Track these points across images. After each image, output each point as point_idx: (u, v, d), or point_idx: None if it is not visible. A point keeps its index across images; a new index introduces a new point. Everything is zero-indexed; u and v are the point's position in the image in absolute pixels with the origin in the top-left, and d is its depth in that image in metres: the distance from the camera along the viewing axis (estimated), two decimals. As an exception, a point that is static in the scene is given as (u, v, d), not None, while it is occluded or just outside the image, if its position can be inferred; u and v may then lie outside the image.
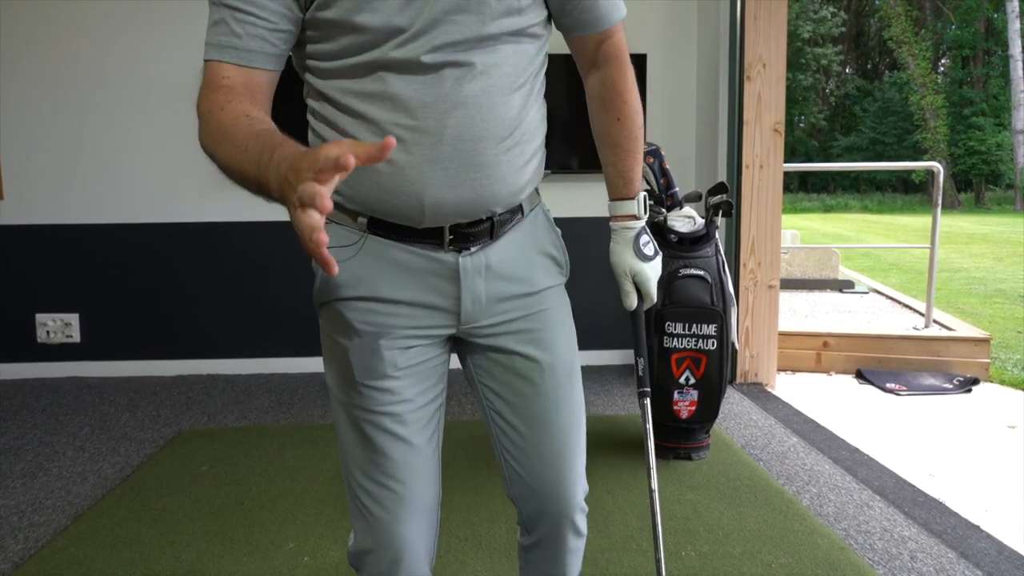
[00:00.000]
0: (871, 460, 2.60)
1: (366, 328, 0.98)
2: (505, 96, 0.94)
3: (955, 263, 9.14)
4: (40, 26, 3.57)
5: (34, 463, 2.64)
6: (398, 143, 0.90)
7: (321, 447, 2.71)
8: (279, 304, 3.81)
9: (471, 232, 0.98)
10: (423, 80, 0.90)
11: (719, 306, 2.39)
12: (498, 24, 0.92)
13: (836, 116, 34.38)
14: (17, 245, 3.71)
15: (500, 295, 1.02)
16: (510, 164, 0.97)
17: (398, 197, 0.93)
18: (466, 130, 0.92)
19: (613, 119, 1.11)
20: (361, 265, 0.98)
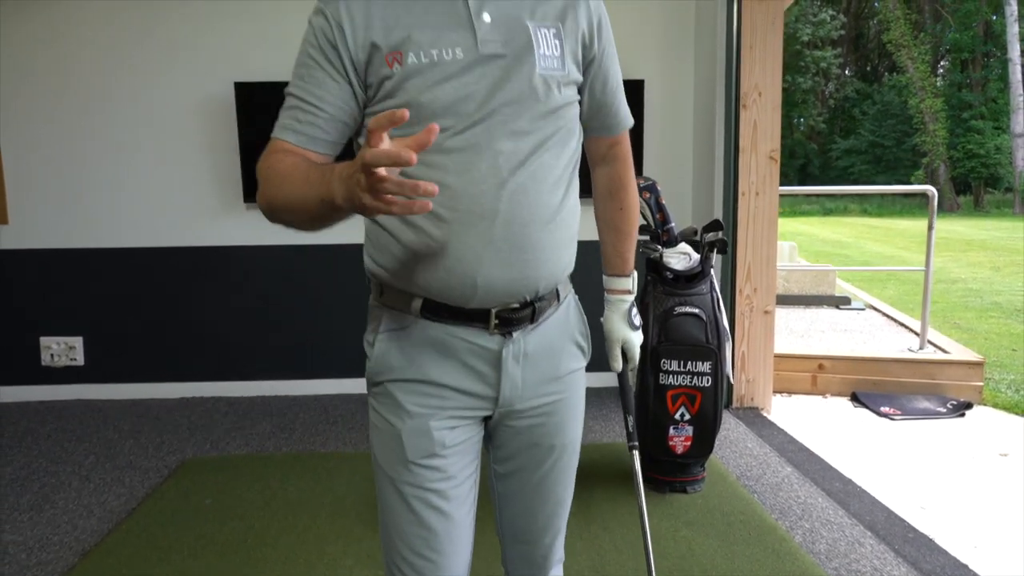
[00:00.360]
0: (863, 493, 2.64)
1: (417, 410, 1.07)
2: (550, 183, 1.04)
3: (952, 273, 9.18)
4: (44, 52, 3.61)
5: (40, 495, 2.68)
6: (453, 226, 0.99)
7: (323, 479, 2.75)
8: (280, 328, 3.85)
9: (515, 317, 1.06)
10: (478, 168, 0.99)
11: (713, 344, 2.44)
12: (545, 119, 1.03)
13: (835, 119, 34.42)
14: (22, 269, 3.76)
15: (533, 381, 1.12)
16: (553, 246, 1.06)
17: (453, 276, 1.01)
18: (516, 214, 1.01)
19: (617, 208, 1.27)
20: (414, 348, 1.07)
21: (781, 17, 3.39)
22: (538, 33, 1.02)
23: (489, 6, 1.01)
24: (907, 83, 27.99)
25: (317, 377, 3.90)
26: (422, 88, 0.97)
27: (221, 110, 3.66)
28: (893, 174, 30.44)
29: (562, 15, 1.06)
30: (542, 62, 1.02)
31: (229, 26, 3.63)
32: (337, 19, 0.99)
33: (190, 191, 3.74)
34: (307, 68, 1.02)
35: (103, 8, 3.59)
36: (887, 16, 27.74)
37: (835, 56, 33.04)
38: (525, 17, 1.02)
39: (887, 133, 30.00)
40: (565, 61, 1.05)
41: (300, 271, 3.82)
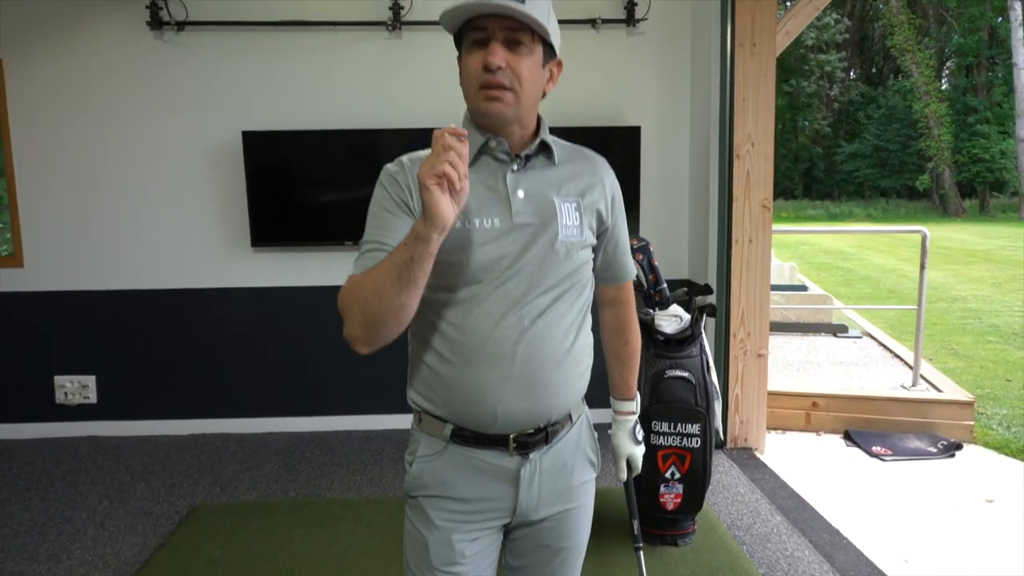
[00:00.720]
0: (849, 545, 2.73)
1: (443, 523, 1.25)
2: (563, 329, 1.23)
3: (953, 290, 9.24)
4: (58, 102, 3.73)
5: (58, 544, 2.79)
6: (480, 365, 1.19)
7: (327, 528, 2.85)
8: (286, 366, 3.96)
9: (530, 440, 1.24)
10: (507, 318, 1.18)
11: (702, 406, 2.53)
12: (564, 276, 1.22)
13: (840, 122, 34.37)
14: (37, 310, 3.87)
15: (547, 494, 1.29)
16: (564, 382, 1.24)
17: (478, 406, 1.20)
18: (532, 356, 1.19)
19: (622, 344, 1.48)
20: (444, 469, 1.26)
21: (773, 70, 3.48)
22: (562, 207, 1.23)
23: (523, 184, 1.22)
24: (912, 87, 27.96)
25: (322, 414, 4.01)
26: (465, 248, 1.18)
27: (229, 158, 3.77)
28: (898, 178, 30.42)
29: (582, 192, 1.27)
30: (563, 231, 1.22)
31: (236, 78, 3.74)
32: (407, 185, 1.21)
33: (199, 235, 3.85)
34: (383, 219, 1.21)
35: (115, 59, 3.71)
36: (891, 20, 27.70)
37: (840, 60, 33.02)
38: (552, 194, 1.24)
39: (892, 137, 29.97)
40: (583, 229, 1.25)
41: (304, 311, 3.92)
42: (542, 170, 1.25)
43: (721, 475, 3.36)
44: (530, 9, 1.13)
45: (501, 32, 1.15)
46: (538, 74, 1.21)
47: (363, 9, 3.71)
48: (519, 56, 1.16)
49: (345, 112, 3.78)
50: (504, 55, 1.15)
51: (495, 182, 1.22)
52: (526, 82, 1.18)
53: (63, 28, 3.67)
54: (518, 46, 1.16)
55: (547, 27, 1.17)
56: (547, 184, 1.24)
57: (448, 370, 1.21)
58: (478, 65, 1.16)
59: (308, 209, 3.79)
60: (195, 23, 3.65)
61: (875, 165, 30.80)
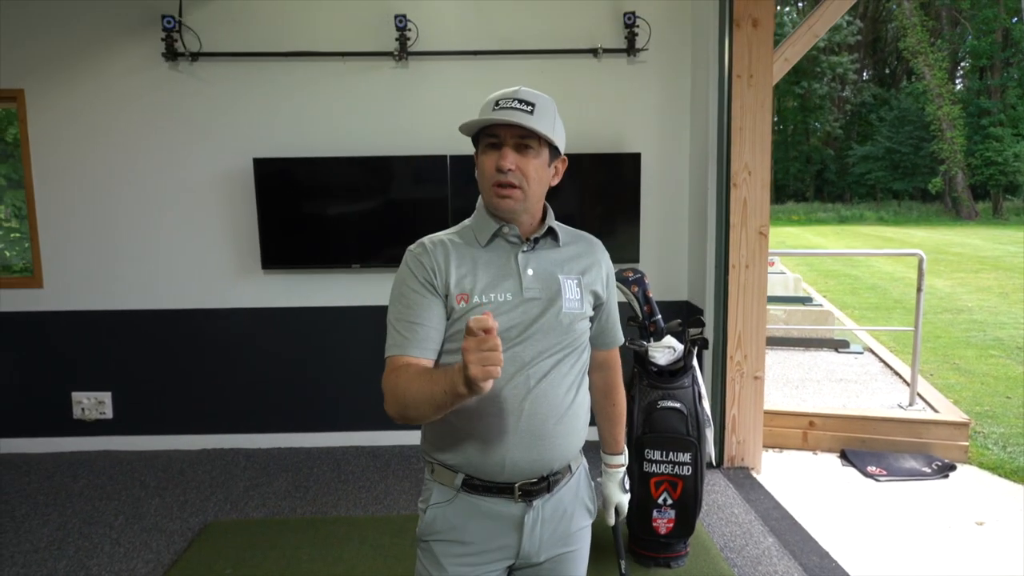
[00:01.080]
0: (837, 568, 2.81)
1: (453, 567, 1.39)
2: (564, 388, 1.39)
3: (959, 300, 9.25)
4: (76, 129, 3.86)
5: (76, 560, 2.92)
6: (491, 420, 1.34)
7: (333, 547, 2.97)
8: (294, 384, 4.08)
9: (534, 488, 1.39)
10: (516, 379, 1.34)
11: (694, 436, 2.62)
12: (566, 342, 1.39)
13: (852, 124, 34.25)
14: (55, 329, 4.01)
15: (548, 539, 1.42)
16: (564, 434, 1.39)
17: (488, 456, 1.36)
18: (536, 412, 1.35)
19: (611, 405, 1.64)
20: (455, 515, 1.40)
21: (770, 100, 3.56)
22: (565, 283, 1.41)
23: (532, 264, 1.41)
24: (924, 89, 27.82)
25: (330, 430, 4.13)
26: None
27: (240, 183, 3.89)
28: (910, 181, 30.28)
29: (583, 271, 1.45)
30: (567, 304, 1.39)
31: (248, 106, 3.87)
32: (431, 267, 1.38)
33: (211, 257, 3.97)
34: (411, 299, 1.37)
35: (132, 88, 3.84)
36: (903, 22, 27.57)
37: (852, 62, 32.89)
38: (557, 272, 1.42)
39: (904, 140, 29.85)
40: (583, 303, 1.43)
41: (313, 331, 4.04)
42: (548, 251, 1.44)
43: (717, 495, 3.44)
44: (536, 120, 1.33)
45: (512, 139, 1.34)
46: (544, 173, 1.40)
47: (371, 40, 3.83)
48: (527, 158, 1.35)
49: (353, 139, 3.89)
50: (514, 158, 1.34)
51: (508, 261, 1.40)
52: (532, 181, 1.37)
53: (82, 59, 3.80)
54: (527, 149, 1.35)
55: (551, 135, 1.36)
56: (553, 264, 1.43)
57: (462, 423, 1.36)
58: (492, 166, 1.36)
59: (317, 232, 3.90)
60: (208, 54, 3.78)
61: (887, 168, 30.68)
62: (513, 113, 1.32)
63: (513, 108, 1.33)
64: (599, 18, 3.88)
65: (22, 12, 3.77)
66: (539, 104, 1.36)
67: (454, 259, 1.39)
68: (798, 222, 26.62)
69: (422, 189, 3.87)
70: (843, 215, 28.19)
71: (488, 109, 1.36)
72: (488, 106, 1.37)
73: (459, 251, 1.40)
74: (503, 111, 1.33)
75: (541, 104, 1.37)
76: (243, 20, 3.81)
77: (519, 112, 1.32)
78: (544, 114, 1.36)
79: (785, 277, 7.69)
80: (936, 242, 17.44)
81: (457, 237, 1.44)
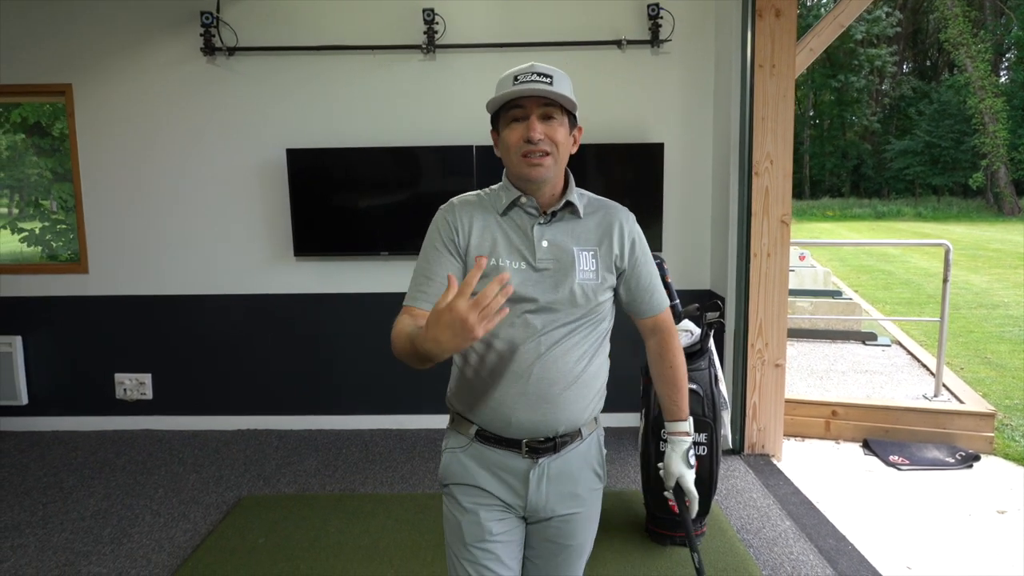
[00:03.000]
0: (853, 551, 2.84)
1: (471, 506, 1.49)
2: (575, 357, 1.45)
3: (996, 295, 9.08)
4: (120, 122, 4.05)
5: (119, 528, 3.09)
6: (501, 380, 1.43)
7: (360, 521, 3.09)
8: (325, 367, 4.22)
9: (540, 447, 1.47)
10: (527, 344, 1.42)
11: (710, 416, 2.68)
12: (580, 313, 1.44)
13: (890, 118, 33.54)
14: (99, 313, 4.21)
15: (554, 496, 1.49)
16: (572, 401, 1.45)
17: (497, 414, 1.45)
18: (544, 376, 1.42)
19: (667, 367, 1.63)
20: (468, 461, 1.50)
21: (792, 90, 3.58)
22: (580, 256, 1.46)
23: (547, 236, 1.46)
24: (966, 82, 27.13)
25: (359, 413, 4.26)
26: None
27: (274, 173, 4.04)
28: (951, 176, 29.57)
29: (599, 241, 1.49)
30: (580, 275, 1.44)
31: (282, 99, 4.01)
32: (455, 225, 1.47)
33: (246, 245, 4.13)
34: (431, 254, 1.47)
35: (172, 82, 4.01)
36: (945, 14, 26.90)
37: (890, 54, 32.18)
38: (571, 243, 1.46)
39: (945, 134, 29.14)
40: (599, 273, 1.47)
41: (343, 316, 4.17)
42: (566, 223, 1.48)
43: (736, 480, 3.49)
44: (558, 88, 1.39)
45: (537, 109, 1.40)
46: (567, 140, 1.45)
47: (399, 33, 3.94)
48: (553, 127, 1.41)
49: (382, 130, 4.01)
50: (542, 128, 1.40)
51: (524, 231, 1.46)
52: (561, 147, 1.43)
53: (125, 55, 3.98)
54: (551, 120, 1.41)
55: (571, 101, 1.41)
56: (569, 236, 1.47)
57: (477, 383, 1.46)
58: (519, 138, 1.40)
59: (347, 221, 4.03)
60: (244, 48, 3.92)
61: (927, 162, 29.98)
62: (535, 85, 1.37)
63: (534, 81, 1.38)
64: (623, 10, 3.93)
65: (70, 9, 3.95)
66: (555, 75, 1.42)
67: (478, 221, 1.46)
68: (833, 218, 26.19)
69: (448, 179, 3.97)
70: (880, 211, 27.61)
71: (508, 84, 1.41)
72: (507, 81, 1.42)
73: (481, 214, 1.48)
74: (525, 84, 1.38)
75: (557, 75, 1.42)
76: (277, 15, 3.95)
77: (540, 84, 1.38)
78: (562, 84, 1.41)
79: (815, 271, 7.64)
80: (975, 238, 17.05)
81: (481, 201, 1.51)
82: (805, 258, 8.35)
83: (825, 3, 31.51)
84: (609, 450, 1.64)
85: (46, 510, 3.26)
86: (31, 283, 4.18)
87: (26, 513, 3.23)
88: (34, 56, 3.99)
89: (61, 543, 2.96)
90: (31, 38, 3.98)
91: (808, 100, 33.31)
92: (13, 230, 4.38)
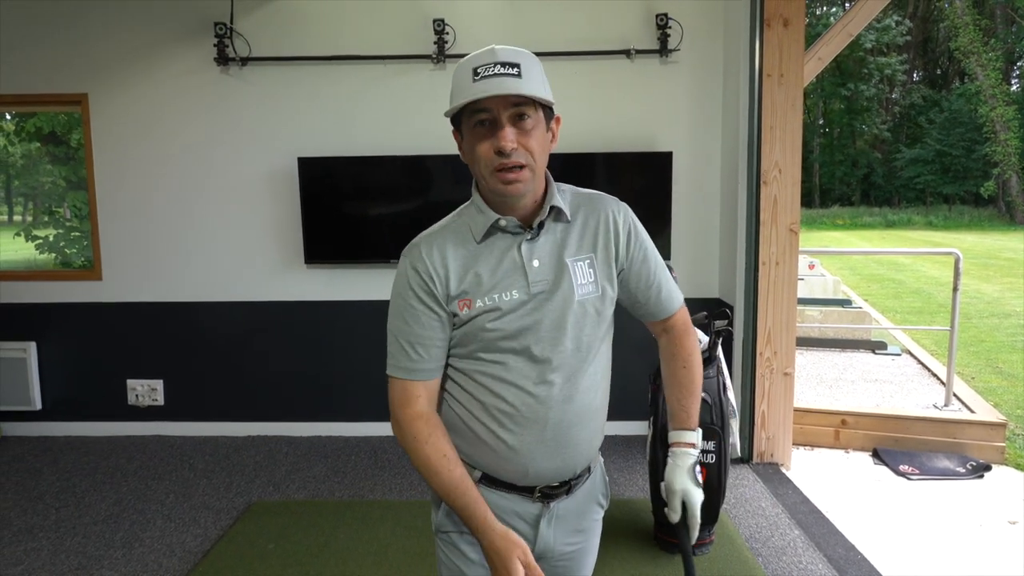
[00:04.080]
0: (863, 561, 2.83)
1: (477, 557, 1.32)
2: (590, 389, 1.31)
3: (1008, 305, 9.02)
4: (134, 130, 4.10)
5: (131, 532, 3.11)
6: (515, 428, 1.26)
7: (369, 526, 3.10)
8: (336, 375, 4.25)
9: (555, 492, 1.34)
10: (536, 382, 1.26)
11: (718, 424, 2.68)
12: (587, 333, 1.28)
13: (900, 127, 33.39)
14: (113, 319, 4.25)
15: (560, 535, 1.37)
16: (588, 438, 1.33)
17: (510, 465, 1.28)
18: (562, 420, 1.28)
19: (680, 367, 1.44)
20: None
21: (801, 98, 3.59)
22: (575, 267, 1.26)
23: (537, 253, 1.26)
24: (977, 91, 27.02)
25: (368, 420, 4.28)
26: (487, 322, 1.25)
27: (286, 182, 4.08)
28: (962, 184, 29.40)
29: (594, 244, 1.29)
30: (579, 290, 1.26)
31: (293, 108, 4.06)
32: (429, 274, 1.26)
33: (257, 252, 4.17)
34: (410, 313, 1.27)
35: (186, 91, 4.06)
36: (955, 22, 26.82)
37: (900, 63, 32.09)
38: (564, 255, 1.27)
39: (956, 142, 29.00)
40: (599, 284, 1.29)
41: (353, 324, 4.20)
42: (555, 233, 1.28)
43: (744, 489, 3.48)
44: (527, 83, 1.14)
45: (506, 111, 1.15)
46: (545, 142, 1.23)
47: (410, 44, 3.98)
48: (527, 131, 1.17)
49: (393, 139, 4.04)
50: (513, 135, 1.16)
51: (510, 255, 1.25)
52: (538, 155, 1.20)
53: (140, 65, 4.04)
54: (523, 119, 1.17)
55: (545, 95, 1.17)
56: (559, 247, 1.27)
57: (480, 429, 1.28)
58: (490, 151, 1.18)
59: (357, 229, 4.06)
60: (257, 59, 3.98)
61: (937, 171, 29.83)
62: (500, 81, 1.13)
63: (498, 75, 1.13)
64: (632, 20, 3.96)
65: (86, 20, 4.02)
66: (523, 62, 1.16)
67: (454, 260, 1.26)
68: (843, 226, 26.09)
69: (458, 187, 4.00)
70: (890, 219, 27.49)
71: (467, 80, 1.16)
72: (465, 76, 1.17)
73: (456, 250, 1.26)
74: (487, 80, 1.13)
75: (525, 62, 1.16)
76: (290, 26, 4.00)
77: (506, 78, 1.13)
78: (531, 73, 1.16)
79: (824, 279, 7.61)
80: (987, 247, 16.95)
81: (452, 232, 1.29)
82: (815, 267, 8.32)
83: (834, 12, 31.53)
84: (617, 458, 1.57)
85: (59, 514, 3.29)
86: (45, 290, 4.24)
87: (39, 517, 3.26)
88: (51, 66, 4.06)
89: (74, 547, 2.99)
90: (48, 48, 4.04)
91: (818, 109, 33.23)
92: (27, 237, 4.45)
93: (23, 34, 4.04)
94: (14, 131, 4.64)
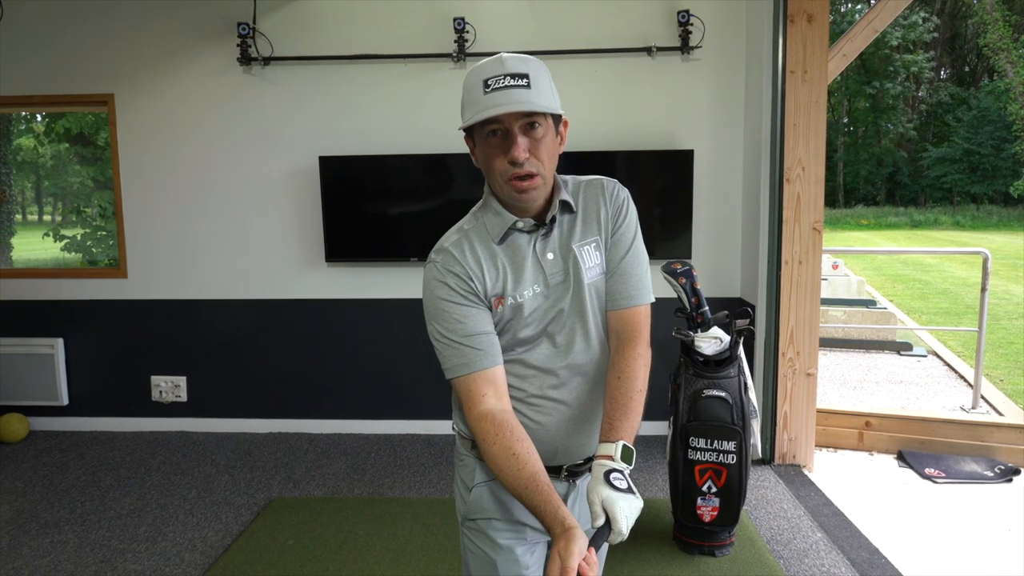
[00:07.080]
0: (887, 564, 2.79)
1: (507, 543, 1.39)
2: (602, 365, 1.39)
3: (1039, 306, 8.84)
4: (159, 130, 4.15)
5: (154, 527, 3.15)
6: (546, 414, 1.36)
7: (388, 523, 3.11)
8: (354, 372, 4.27)
9: (579, 469, 1.42)
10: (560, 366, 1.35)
11: (739, 424, 2.65)
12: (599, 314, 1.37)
13: (927, 125, 32.84)
14: (137, 317, 4.31)
15: (583, 513, 1.40)
16: (601, 413, 1.36)
17: (541, 446, 1.30)
18: (586, 402, 1.38)
19: (615, 376, 1.33)
20: (503, 495, 1.39)
21: (824, 96, 3.54)
22: (582, 252, 1.35)
23: (550, 247, 1.34)
24: (1006, 88, 26.50)
25: (388, 418, 4.30)
26: (516, 317, 1.33)
27: (307, 180, 4.11)
28: (990, 184, 28.86)
29: (596, 224, 1.37)
30: (588, 274, 1.35)
31: (315, 107, 4.08)
32: (466, 273, 1.31)
33: (279, 251, 4.20)
34: (455, 312, 1.30)
35: (210, 91, 4.11)
36: (984, 18, 26.35)
37: (927, 60, 31.57)
38: (572, 242, 1.35)
39: (984, 140, 28.46)
40: (603, 263, 1.38)
41: (373, 322, 4.22)
42: (563, 224, 1.35)
43: (766, 490, 3.45)
44: (536, 94, 1.20)
45: (517, 122, 1.21)
46: (555, 147, 1.29)
47: (430, 42, 3.99)
48: (537, 140, 1.23)
49: (413, 138, 4.05)
50: (525, 145, 1.22)
51: (527, 252, 1.33)
52: (547, 162, 1.26)
53: (165, 65, 4.09)
54: (534, 128, 1.23)
55: (554, 105, 1.23)
56: (568, 237, 1.35)
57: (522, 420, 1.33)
58: (504, 162, 1.24)
59: (378, 227, 4.08)
60: (279, 58, 4.01)
61: (965, 170, 29.30)
62: (511, 93, 1.18)
63: (508, 87, 1.19)
64: (653, 17, 3.93)
65: (112, 22, 4.08)
66: (532, 72, 1.21)
67: (484, 259, 1.32)
68: (868, 226, 25.73)
69: (476, 186, 3.98)
70: (916, 219, 27.05)
71: (478, 91, 1.21)
72: (476, 87, 1.22)
73: (483, 251, 1.32)
74: (498, 93, 1.19)
75: (534, 71, 1.22)
76: (311, 26, 4.02)
77: (517, 90, 1.18)
78: (540, 82, 1.22)
79: (848, 279, 7.52)
80: (1016, 248, 16.61)
81: (475, 235, 1.34)
82: (838, 267, 8.22)
83: (859, 9, 31.09)
84: (637, 458, 1.58)
85: (84, 508, 3.35)
86: (72, 287, 4.31)
87: (65, 511, 3.32)
88: (77, 67, 4.12)
89: (98, 540, 3.03)
90: (75, 49, 4.11)
91: (842, 107, 32.80)
92: (56, 237, 4.52)
93: (51, 36, 4.11)
94: (43, 132, 4.72)
